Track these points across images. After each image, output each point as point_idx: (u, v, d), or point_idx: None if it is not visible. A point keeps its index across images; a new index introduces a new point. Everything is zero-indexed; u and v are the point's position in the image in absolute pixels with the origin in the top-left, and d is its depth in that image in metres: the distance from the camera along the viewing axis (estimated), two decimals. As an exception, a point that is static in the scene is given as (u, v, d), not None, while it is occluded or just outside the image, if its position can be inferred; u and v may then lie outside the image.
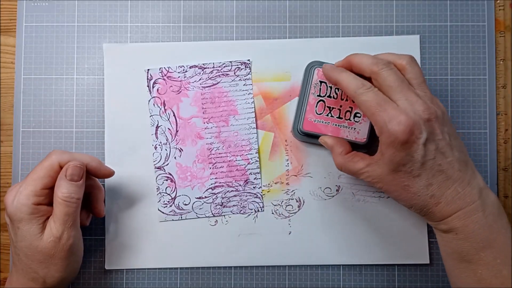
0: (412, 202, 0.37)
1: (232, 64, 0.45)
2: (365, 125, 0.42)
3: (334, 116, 0.42)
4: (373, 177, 0.37)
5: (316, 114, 0.42)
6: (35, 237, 0.37)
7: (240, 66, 0.45)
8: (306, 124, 0.43)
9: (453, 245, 0.36)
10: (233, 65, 0.45)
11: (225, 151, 0.45)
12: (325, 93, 0.42)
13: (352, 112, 0.42)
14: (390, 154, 0.35)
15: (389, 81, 0.36)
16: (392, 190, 0.37)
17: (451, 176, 0.35)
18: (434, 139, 0.35)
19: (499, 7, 0.46)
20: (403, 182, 0.36)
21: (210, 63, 0.45)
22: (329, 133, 0.42)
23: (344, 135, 0.42)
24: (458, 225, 0.35)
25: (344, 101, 0.42)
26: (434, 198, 0.36)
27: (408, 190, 0.36)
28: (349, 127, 0.42)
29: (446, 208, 0.35)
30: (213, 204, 0.45)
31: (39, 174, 0.38)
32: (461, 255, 0.36)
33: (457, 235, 0.36)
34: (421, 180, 0.35)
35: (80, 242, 0.40)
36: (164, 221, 0.45)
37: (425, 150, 0.35)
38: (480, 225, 0.35)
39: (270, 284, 0.45)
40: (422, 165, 0.35)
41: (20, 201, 0.37)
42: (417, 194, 0.36)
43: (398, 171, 0.35)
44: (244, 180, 0.45)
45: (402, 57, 0.38)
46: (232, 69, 0.45)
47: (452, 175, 0.35)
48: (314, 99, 0.42)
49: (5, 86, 0.46)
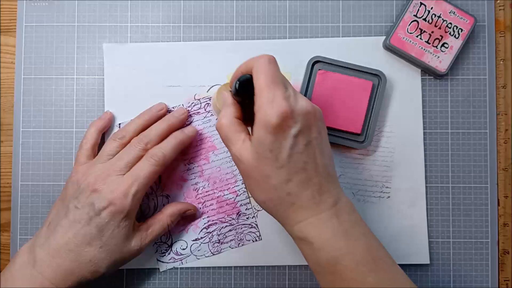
0: (269, 196, 0.35)
1: (201, 102, 0.45)
2: (449, 57, 0.43)
3: (423, 40, 0.43)
4: (240, 155, 0.35)
5: (407, 32, 0.43)
6: (125, 236, 0.39)
7: (209, 102, 0.45)
8: (394, 38, 0.44)
9: (314, 258, 0.34)
10: (202, 102, 0.45)
11: (211, 188, 0.45)
12: (422, 15, 0.43)
13: (441, 41, 0.43)
14: (260, 135, 0.33)
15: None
16: (251, 177, 0.35)
17: (312, 178, 0.34)
18: (308, 134, 0.34)
19: (499, 7, 0.46)
20: (265, 170, 0.34)
21: (179, 105, 0.45)
22: (413, 54, 0.43)
23: (427, 60, 0.43)
24: (313, 233, 0.34)
25: (437, 29, 0.43)
26: (290, 196, 0.34)
27: (267, 181, 0.34)
28: (434, 54, 0.43)
29: (300, 212, 0.34)
30: (210, 243, 0.45)
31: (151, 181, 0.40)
32: (324, 268, 0.34)
33: (314, 245, 0.34)
34: (283, 173, 0.33)
35: None
36: (166, 270, 0.45)
37: (295, 141, 0.33)
38: (335, 232, 0.34)
39: (270, 284, 0.45)
40: (288, 157, 0.33)
41: (138, 198, 0.39)
42: (275, 188, 0.34)
43: (263, 157, 0.34)
44: (236, 213, 0.45)
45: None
46: (202, 106, 0.45)
47: (313, 178, 0.34)
48: (410, 18, 0.43)
49: (5, 86, 0.46)
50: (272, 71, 0.34)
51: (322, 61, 0.44)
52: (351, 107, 0.43)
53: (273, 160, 0.33)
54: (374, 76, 0.44)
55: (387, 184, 0.45)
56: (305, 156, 0.34)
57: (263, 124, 0.33)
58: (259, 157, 0.34)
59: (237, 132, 0.35)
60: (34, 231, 0.45)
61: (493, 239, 0.45)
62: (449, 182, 0.45)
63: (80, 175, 0.40)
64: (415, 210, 0.45)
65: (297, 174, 0.34)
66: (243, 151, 0.35)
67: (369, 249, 0.34)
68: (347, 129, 0.43)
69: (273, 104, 0.33)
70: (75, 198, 0.39)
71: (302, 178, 0.34)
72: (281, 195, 0.34)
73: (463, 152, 0.45)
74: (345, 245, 0.34)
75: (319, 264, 0.35)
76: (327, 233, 0.34)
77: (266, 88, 0.33)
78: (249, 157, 0.34)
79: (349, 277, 0.33)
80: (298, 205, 0.34)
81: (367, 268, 0.33)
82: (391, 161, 0.45)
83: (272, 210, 0.35)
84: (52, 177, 0.45)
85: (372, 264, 0.33)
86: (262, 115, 0.33)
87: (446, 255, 0.45)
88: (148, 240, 0.41)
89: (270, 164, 0.34)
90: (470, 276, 0.45)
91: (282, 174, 0.34)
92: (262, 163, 0.34)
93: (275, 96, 0.33)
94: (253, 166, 0.34)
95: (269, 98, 0.33)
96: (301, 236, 0.35)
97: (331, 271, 0.34)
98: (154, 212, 0.45)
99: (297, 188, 0.34)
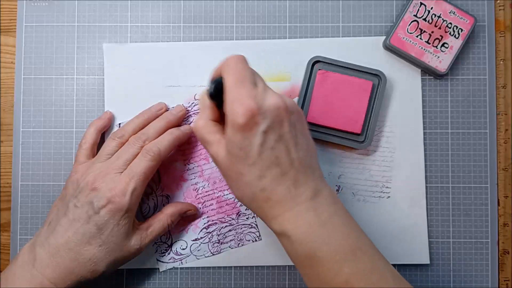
0: (243, 193, 0.35)
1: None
2: (449, 57, 0.43)
3: (423, 40, 0.43)
4: (216, 155, 0.35)
5: (407, 32, 0.44)
6: (125, 235, 0.39)
7: None
8: (394, 38, 0.44)
9: (293, 251, 0.35)
10: None
11: (211, 188, 0.45)
12: (422, 15, 0.43)
13: (441, 41, 0.43)
14: (230, 134, 0.34)
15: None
16: (227, 175, 0.36)
17: (287, 173, 0.34)
18: (279, 129, 0.34)
19: (499, 7, 0.46)
20: (238, 168, 0.34)
21: (179, 105, 0.45)
22: (413, 54, 0.43)
23: (427, 60, 0.44)
24: (290, 227, 0.34)
25: (437, 29, 0.43)
26: (264, 192, 0.34)
27: (241, 178, 0.34)
28: (434, 54, 0.43)
29: (276, 207, 0.34)
30: (210, 243, 0.45)
31: (148, 177, 0.40)
32: (302, 260, 0.34)
33: (291, 239, 0.34)
34: (255, 170, 0.34)
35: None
36: (166, 270, 0.45)
37: (264, 138, 0.33)
38: (312, 224, 0.33)
39: (270, 284, 0.45)
40: (259, 154, 0.33)
41: (137, 195, 0.39)
42: (249, 184, 0.34)
43: (235, 155, 0.34)
44: (235, 213, 0.45)
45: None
46: None
47: (288, 172, 0.34)
48: (410, 18, 0.43)
49: (5, 86, 0.46)
50: (239, 70, 0.34)
51: (322, 61, 0.44)
52: (351, 107, 0.43)
53: (244, 157, 0.34)
54: (374, 76, 0.44)
55: (387, 184, 0.45)
56: (277, 151, 0.34)
57: (231, 123, 0.33)
58: (231, 156, 0.34)
59: (211, 133, 0.36)
60: (34, 231, 0.45)
61: (493, 239, 0.45)
62: (449, 182, 0.45)
63: (80, 174, 0.40)
64: (415, 210, 0.45)
65: (270, 169, 0.34)
66: (219, 151, 0.35)
67: (347, 240, 0.34)
68: (347, 129, 0.43)
69: (239, 102, 0.33)
70: (74, 197, 0.39)
71: (275, 173, 0.34)
72: (255, 191, 0.34)
73: (463, 152, 0.45)
74: (321, 237, 0.33)
75: (297, 257, 0.35)
76: (304, 225, 0.34)
77: (233, 87, 0.34)
78: (223, 156, 0.35)
79: (325, 268, 0.33)
80: (274, 200, 0.34)
81: (343, 259, 0.33)
82: (391, 161, 0.45)
83: (250, 206, 0.36)
84: (52, 177, 0.45)
85: (350, 254, 0.33)
86: (230, 115, 0.33)
87: (446, 255, 0.45)
88: (148, 239, 0.41)
89: (242, 162, 0.34)
90: (470, 276, 0.45)
91: (255, 171, 0.34)
92: (234, 161, 0.34)
93: (241, 94, 0.33)
94: (227, 164, 0.35)
95: (235, 97, 0.33)
96: (279, 230, 0.35)
97: (308, 263, 0.34)
98: (154, 212, 0.45)
99: (271, 183, 0.34)
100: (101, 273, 0.39)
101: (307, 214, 0.34)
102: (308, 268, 0.34)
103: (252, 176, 0.34)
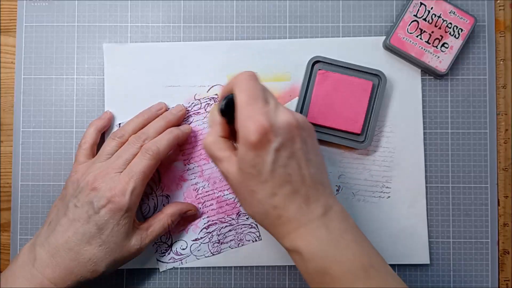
0: (255, 210, 0.35)
1: (201, 102, 0.45)
2: (449, 56, 0.43)
3: (423, 40, 0.43)
4: (227, 172, 0.35)
5: (407, 32, 0.44)
6: (125, 235, 0.39)
7: (210, 102, 0.45)
8: (394, 38, 0.44)
9: (304, 268, 0.34)
10: (202, 102, 0.45)
11: (211, 188, 0.45)
12: (422, 15, 0.43)
13: (441, 41, 0.43)
14: (242, 152, 0.33)
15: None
16: (239, 192, 0.35)
17: (299, 190, 0.34)
18: (292, 146, 0.34)
19: (499, 7, 0.46)
20: (250, 186, 0.34)
21: (179, 105, 0.45)
22: (413, 54, 0.43)
23: (427, 60, 0.44)
24: (302, 244, 0.34)
25: (437, 29, 0.43)
26: (276, 210, 0.34)
27: (253, 196, 0.34)
28: (434, 54, 0.43)
29: (288, 224, 0.34)
30: (210, 243, 0.45)
31: (148, 176, 0.40)
32: (313, 277, 0.34)
33: (303, 256, 0.34)
34: (267, 187, 0.33)
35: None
36: (166, 270, 0.45)
37: (276, 156, 0.33)
38: (324, 242, 0.33)
39: (270, 284, 0.45)
40: (271, 172, 0.33)
41: (137, 195, 0.39)
42: (261, 202, 0.34)
43: (247, 173, 0.34)
44: (235, 213, 0.45)
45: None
46: (202, 106, 0.45)
47: (299, 190, 0.34)
48: (410, 18, 0.43)
49: (5, 86, 0.46)
50: (251, 87, 0.34)
51: (322, 61, 0.44)
52: (351, 107, 0.43)
53: (257, 175, 0.33)
54: (374, 76, 0.44)
55: (387, 184, 0.45)
56: (289, 168, 0.34)
57: (244, 141, 0.33)
58: (243, 173, 0.34)
59: (221, 150, 0.36)
60: (34, 231, 0.45)
61: (493, 239, 0.45)
62: (449, 182, 0.45)
63: (80, 174, 0.40)
64: (415, 210, 0.45)
65: (282, 187, 0.34)
66: (229, 168, 0.35)
67: (360, 257, 0.34)
68: (347, 129, 0.43)
69: (252, 120, 0.33)
70: (74, 197, 0.39)
71: (287, 191, 0.34)
72: (267, 208, 0.34)
73: (463, 152, 0.45)
74: (333, 254, 0.33)
75: (309, 274, 0.34)
76: (316, 243, 0.33)
77: (245, 105, 0.34)
78: (234, 173, 0.35)
79: (337, 285, 0.33)
80: (286, 217, 0.34)
81: (356, 277, 0.33)
82: (391, 161, 0.45)
83: (262, 223, 0.36)
84: (52, 177, 0.45)
85: (362, 272, 0.33)
86: (242, 132, 0.33)
87: (446, 255, 0.45)
88: (148, 239, 0.41)
89: (254, 179, 0.34)
90: (470, 276, 0.45)
91: (267, 189, 0.34)
92: (246, 179, 0.34)
93: (253, 112, 0.33)
94: (238, 182, 0.35)
95: (247, 114, 0.33)
96: (290, 247, 0.35)
97: (320, 280, 0.34)
98: (154, 212, 0.45)
99: (283, 201, 0.34)
100: (101, 273, 0.39)
101: (318, 231, 0.34)
102: (319, 284, 0.34)
103: (264, 193, 0.34)
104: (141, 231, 0.41)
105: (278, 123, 0.33)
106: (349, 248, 0.34)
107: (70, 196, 0.39)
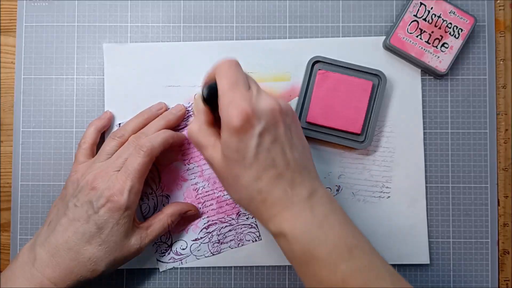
0: (241, 195, 0.35)
1: None
2: (449, 56, 0.43)
3: (423, 40, 0.43)
4: (212, 158, 0.36)
5: (407, 32, 0.44)
6: (124, 234, 0.39)
7: None
8: (394, 38, 0.44)
9: (290, 251, 0.35)
10: None
11: (211, 188, 0.45)
12: (422, 15, 0.43)
13: (441, 41, 0.43)
14: (225, 137, 0.34)
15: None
16: (224, 178, 0.36)
17: (283, 174, 0.34)
18: (274, 131, 0.34)
19: (499, 7, 0.46)
20: (234, 171, 0.34)
21: (179, 104, 0.45)
22: (413, 54, 0.43)
23: (427, 60, 0.44)
24: (286, 227, 0.34)
25: (437, 29, 0.43)
26: (261, 194, 0.34)
27: (238, 181, 0.35)
28: (434, 54, 0.43)
29: (273, 207, 0.34)
30: (210, 243, 0.45)
31: (144, 173, 0.40)
32: (299, 260, 0.34)
33: (288, 240, 0.34)
34: (251, 172, 0.34)
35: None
36: (166, 270, 0.45)
37: (259, 140, 0.33)
38: (308, 224, 0.34)
39: (270, 284, 0.45)
40: (255, 156, 0.33)
41: (135, 193, 0.39)
42: (246, 186, 0.34)
43: (231, 158, 0.34)
44: (235, 213, 0.45)
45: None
46: None
47: (284, 174, 0.34)
48: (410, 18, 0.43)
49: (5, 86, 0.46)
50: (232, 73, 0.35)
51: (322, 61, 0.44)
52: (351, 107, 0.43)
53: (241, 160, 0.34)
54: (374, 76, 0.44)
55: (387, 184, 0.45)
56: (273, 153, 0.34)
57: (227, 126, 0.33)
58: (227, 159, 0.34)
59: (206, 136, 0.36)
60: (34, 231, 0.45)
61: (493, 239, 0.45)
62: (449, 182, 0.45)
63: (80, 174, 0.40)
64: (415, 210, 0.45)
65: (266, 171, 0.34)
66: (214, 154, 0.36)
67: (344, 238, 0.34)
68: (347, 129, 0.43)
69: (234, 105, 0.33)
70: (74, 196, 0.39)
71: (272, 174, 0.34)
72: (252, 193, 0.34)
73: (463, 152, 0.45)
74: (317, 235, 0.33)
75: (294, 257, 0.35)
76: (301, 225, 0.34)
77: (227, 91, 0.34)
78: (219, 159, 0.35)
79: (322, 266, 0.33)
80: (270, 201, 0.34)
81: (340, 257, 0.33)
82: (391, 161, 0.45)
83: (247, 208, 0.36)
84: (52, 177, 0.45)
85: (346, 252, 0.33)
86: (225, 118, 0.33)
87: (446, 255, 0.45)
88: (148, 239, 0.41)
89: (238, 164, 0.34)
90: (470, 276, 0.45)
91: (251, 173, 0.34)
92: (231, 164, 0.34)
93: (235, 97, 0.33)
94: (223, 167, 0.35)
95: (229, 100, 0.33)
96: (275, 231, 0.35)
97: (305, 262, 0.34)
98: (154, 212, 0.45)
99: (268, 185, 0.34)
100: (101, 272, 0.39)
101: (303, 213, 0.34)
102: (305, 267, 0.34)
103: (248, 178, 0.34)
104: (141, 231, 0.41)
105: (260, 108, 0.33)
106: (333, 229, 0.34)
107: (70, 195, 0.40)
